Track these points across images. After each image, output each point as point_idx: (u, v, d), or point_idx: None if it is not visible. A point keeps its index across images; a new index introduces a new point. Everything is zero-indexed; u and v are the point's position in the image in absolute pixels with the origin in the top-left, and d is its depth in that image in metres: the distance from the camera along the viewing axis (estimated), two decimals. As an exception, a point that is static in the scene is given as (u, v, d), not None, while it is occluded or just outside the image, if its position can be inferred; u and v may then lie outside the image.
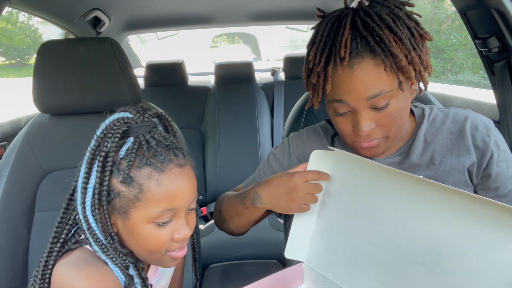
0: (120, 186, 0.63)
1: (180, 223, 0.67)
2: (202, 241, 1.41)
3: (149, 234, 0.65)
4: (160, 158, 0.63)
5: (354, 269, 0.71)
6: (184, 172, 0.66)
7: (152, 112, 0.69)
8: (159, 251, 0.67)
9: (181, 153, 0.68)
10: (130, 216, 0.64)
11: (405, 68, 0.67)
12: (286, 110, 2.26)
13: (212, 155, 2.22)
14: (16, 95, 3.35)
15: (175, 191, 0.64)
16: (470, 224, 0.55)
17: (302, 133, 0.93)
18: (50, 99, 1.02)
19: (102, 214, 0.64)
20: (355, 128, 0.71)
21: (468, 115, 0.77)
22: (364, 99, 0.67)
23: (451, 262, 0.57)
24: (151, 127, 0.66)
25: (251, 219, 0.86)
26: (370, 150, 0.74)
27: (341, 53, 0.66)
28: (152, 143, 0.64)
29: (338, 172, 0.75)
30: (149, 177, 0.62)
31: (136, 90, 1.07)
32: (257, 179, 0.95)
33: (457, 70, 5.02)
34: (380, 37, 0.66)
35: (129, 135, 0.65)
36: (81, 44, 1.07)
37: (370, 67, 0.66)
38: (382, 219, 0.67)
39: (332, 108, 0.74)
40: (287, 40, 7.03)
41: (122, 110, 0.67)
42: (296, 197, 0.74)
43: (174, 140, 0.69)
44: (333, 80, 0.69)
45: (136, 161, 0.63)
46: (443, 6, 4.95)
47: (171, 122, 0.74)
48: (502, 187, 0.75)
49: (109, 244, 0.65)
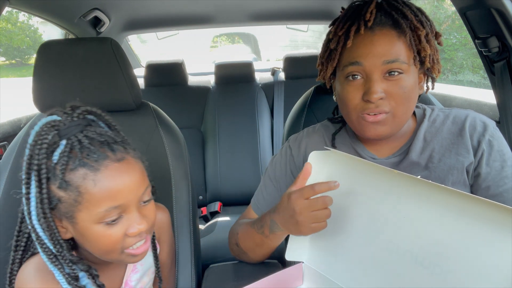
0: (59, 191, 0.62)
1: (132, 218, 0.65)
2: (202, 241, 1.41)
3: (99, 234, 0.63)
4: (93, 157, 0.61)
5: (354, 269, 0.71)
6: (123, 167, 0.64)
7: (81, 110, 0.66)
8: (114, 250, 0.66)
9: (121, 146, 0.66)
10: (77, 220, 0.63)
11: (422, 44, 0.71)
12: (286, 110, 2.26)
13: (212, 155, 2.22)
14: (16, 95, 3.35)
15: (116, 188, 0.62)
16: (469, 224, 0.55)
17: (302, 133, 0.93)
18: (50, 99, 1.02)
19: (49, 222, 0.63)
20: (365, 95, 0.71)
21: (468, 115, 0.77)
22: (381, 62, 0.70)
23: (450, 262, 0.57)
24: (82, 126, 0.64)
25: (273, 246, 0.85)
26: (375, 128, 0.73)
27: (366, 16, 0.71)
28: (85, 142, 0.62)
29: (337, 173, 0.75)
30: (85, 178, 0.61)
31: (136, 90, 1.07)
32: (263, 190, 0.94)
33: (457, 70, 5.02)
34: (404, 14, 0.72)
35: (62, 138, 0.63)
36: (81, 44, 1.07)
37: (390, 35, 0.71)
38: (381, 219, 0.67)
39: (344, 75, 0.75)
40: (287, 40, 7.03)
41: (50, 113, 0.65)
42: (301, 220, 0.68)
43: (113, 134, 0.67)
44: (353, 42, 0.72)
45: (69, 164, 0.61)
46: (443, 6, 4.95)
47: (107, 116, 0.71)
48: (494, 187, 0.73)
49: (58, 252, 0.64)
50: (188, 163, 1.08)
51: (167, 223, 0.89)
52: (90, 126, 0.66)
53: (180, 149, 1.08)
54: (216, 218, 1.94)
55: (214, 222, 1.88)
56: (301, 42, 6.16)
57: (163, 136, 1.06)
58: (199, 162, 2.22)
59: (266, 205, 0.92)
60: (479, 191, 0.75)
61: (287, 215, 0.71)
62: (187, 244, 1.00)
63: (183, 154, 1.08)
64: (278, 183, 0.92)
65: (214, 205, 2.09)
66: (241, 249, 0.90)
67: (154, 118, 1.09)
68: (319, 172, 0.76)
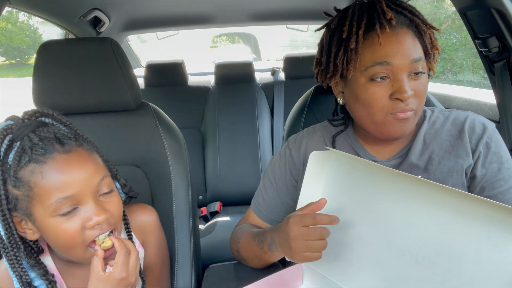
0: (14, 190, 0.64)
1: (88, 209, 0.65)
2: (202, 241, 1.41)
3: (56, 228, 0.64)
4: (41, 151, 0.63)
5: (353, 269, 0.71)
6: (72, 158, 0.65)
7: (32, 112, 0.69)
8: (75, 245, 0.66)
9: (72, 140, 0.68)
10: (34, 216, 0.65)
11: (434, 43, 0.74)
12: (286, 110, 2.26)
13: (212, 155, 2.22)
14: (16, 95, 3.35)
15: (64, 178, 0.63)
16: (469, 224, 0.55)
17: (301, 134, 0.93)
18: (50, 99, 1.02)
19: (8, 223, 0.65)
20: (396, 94, 0.70)
21: (468, 117, 0.77)
22: (410, 60, 0.70)
23: (450, 262, 0.57)
24: (33, 126, 0.66)
25: (272, 261, 0.85)
26: (401, 126, 0.72)
27: (387, 15, 0.70)
28: (34, 140, 0.64)
29: (337, 173, 0.75)
30: (33, 173, 0.63)
31: (136, 90, 1.07)
32: (262, 191, 0.93)
33: (457, 70, 5.02)
34: (413, 13, 0.73)
35: (15, 140, 0.65)
36: (81, 44, 1.07)
37: (410, 34, 0.72)
38: (381, 219, 0.67)
39: (369, 76, 0.72)
40: (287, 40, 7.03)
41: (6, 119, 0.68)
42: (295, 246, 0.66)
43: (65, 132, 0.69)
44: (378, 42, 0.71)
45: (20, 162, 0.63)
46: (443, 6, 4.95)
47: (59, 116, 0.73)
48: (489, 188, 0.73)
49: (15, 256, 0.66)
50: (188, 163, 1.08)
51: (152, 224, 0.88)
52: (42, 126, 0.67)
53: (180, 149, 1.08)
54: (216, 218, 1.94)
55: (214, 222, 1.88)
56: (301, 42, 6.16)
57: (163, 136, 1.06)
58: (199, 162, 2.21)
59: (266, 206, 0.92)
60: (474, 193, 0.75)
61: (283, 238, 0.70)
62: (187, 244, 1.00)
63: (183, 154, 1.08)
64: (277, 184, 0.91)
65: (214, 205, 2.09)
66: (242, 257, 0.91)
67: (154, 118, 1.09)
68: (319, 173, 0.76)
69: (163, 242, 0.91)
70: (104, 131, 1.06)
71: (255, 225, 0.94)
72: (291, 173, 0.90)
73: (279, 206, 0.91)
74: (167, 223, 1.00)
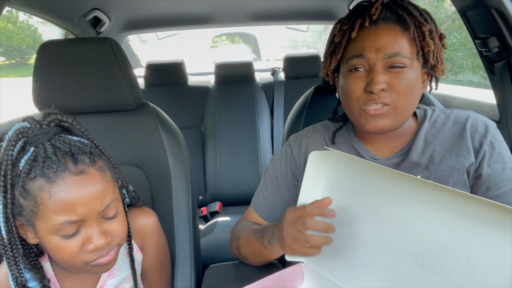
0: (21, 199, 0.62)
1: (91, 233, 0.64)
2: (202, 241, 1.41)
3: (55, 246, 0.63)
4: (53, 168, 0.61)
5: (353, 269, 0.71)
6: (82, 180, 0.62)
7: (51, 119, 0.66)
8: (73, 263, 0.65)
9: (87, 157, 0.65)
10: (36, 228, 0.63)
11: (426, 40, 0.73)
12: (286, 110, 2.26)
13: (212, 155, 2.22)
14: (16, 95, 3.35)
15: (71, 202, 0.61)
16: (469, 224, 0.55)
17: (302, 133, 0.93)
18: (50, 99, 1.02)
19: (11, 226, 0.64)
20: (368, 86, 0.72)
21: (469, 116, 0.77)
22: (383, 55, 0.71)
23: (450, 262, 0.57)
24: (50, 134, 0.64)
25: (271, 258, 0.85)
26: (375, 121, 0.73)
27: (371, 11, 0.73)
28: (49, 151, 0.62)
29: (336, 173, 0.75)
30: (41, 189, 0.60)
31: (136, 90, 1.07)
32: (263, 190, 0.94)
33: (457, 70, 5.01)
34: (409, 11, 0.74)
35: (30, 146, 0.63)
36: (81, 44, 1.07)
37: (394, 30, 0.73)
38: (381, 219, 0.67)
39: (348, 67, 0.76)
40: (287, 40, 7.03)
41: (23, 120, 0.66)
42: (285, 236, 0.69)
43: (81, 144, 0.66)
44: (358, 36, 0.74)
45: (31, 172, 0.61)
46: (443, 6, 4.95)
47: (78, 124, 0.70)
48: (494, 188, 0.74)
49: (13, 258, 0.65)
50: (188, 163, 1.08)
51: (153, 228, 0.87)
52: (59, 135, 0.65)
53: (180, 149, 1.08)
54: (216, 218, 1.94)
55: (214, 222, 1.88)
56: (301, 42, 6.16)
57: (163, 136, 1.06)
58: (199, 162, 2.21)
59: (266, 205, 0.92)
60: (479, 192, 0.75)
61: (279, 228, 0.73)
62: (187, 244, 1.00)
63: (183, 154, 1.08)
64: (278, 183, 0.92)
65: (214, 205, 2.09)
66: (241, 254, 0.90)
67: (154, 118, 1.09)
68: (319, 173, 0.76)
69: (163, 246, 0.90)
70: (104, 131, 1.06)
71: (255, 223, 0.94)
72: (292, 172, 0.91)
73: (280, 204, 0.92)
74: (167, 223, 1.00)
